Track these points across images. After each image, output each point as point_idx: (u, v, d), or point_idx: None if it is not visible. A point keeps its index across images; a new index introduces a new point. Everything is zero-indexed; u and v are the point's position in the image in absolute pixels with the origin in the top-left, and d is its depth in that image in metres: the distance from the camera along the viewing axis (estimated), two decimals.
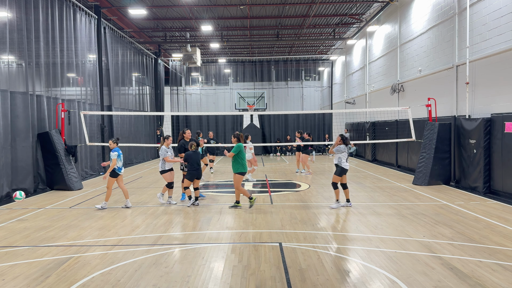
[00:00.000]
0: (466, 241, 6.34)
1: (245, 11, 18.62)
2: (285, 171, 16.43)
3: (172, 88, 28.86)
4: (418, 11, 14.95)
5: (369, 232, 6.98)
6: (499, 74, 10.24)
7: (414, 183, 12.20)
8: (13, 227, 7.68)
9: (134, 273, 5.19)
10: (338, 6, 18.50)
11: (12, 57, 11.52)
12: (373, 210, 8.78)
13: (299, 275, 5.03)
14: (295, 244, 6.29)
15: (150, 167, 19.16)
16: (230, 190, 11.67)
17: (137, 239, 6.73)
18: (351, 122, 24.47)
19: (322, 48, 27.84)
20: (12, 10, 11.11)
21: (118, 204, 9.83)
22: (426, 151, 12.21)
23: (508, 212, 8.33)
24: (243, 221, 7.91)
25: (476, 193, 10.52)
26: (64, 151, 12.39)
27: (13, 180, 10.99)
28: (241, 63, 30.27)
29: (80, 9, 14.97)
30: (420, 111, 14.26)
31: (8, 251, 6.17)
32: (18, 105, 11.28)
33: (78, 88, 15.08)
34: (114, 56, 18.63)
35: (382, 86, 18.99)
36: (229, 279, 4.94)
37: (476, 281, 4.77)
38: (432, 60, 13.96)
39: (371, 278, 4.91)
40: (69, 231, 7.29)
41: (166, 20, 20.08)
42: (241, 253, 5.92)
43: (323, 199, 10.11)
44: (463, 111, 11.94)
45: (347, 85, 26.00)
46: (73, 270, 5.31)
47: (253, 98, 27.02)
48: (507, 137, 9.62)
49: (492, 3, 10.52)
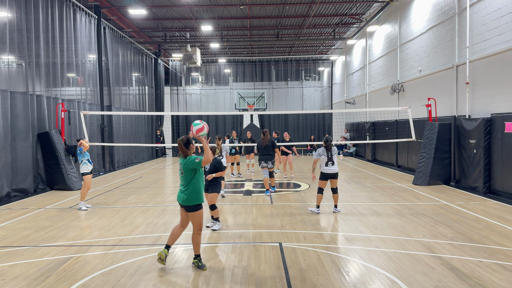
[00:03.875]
0: (466, 241, 6.34)
1: (245, 11, 18.62)
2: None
3: (172, 88, 28.85)
4: (418, 11, 14.95)
5: (369, 232, 6.98)
6: (499, 74, 10.24)
7: (414, 183, 12.20)
8: (13, 227, 7.68)
9: (134, 273, 5.19)
10: (338, 6, 18.50)
11: (12, 57, 11.52)
12: (373, 210, 8.78)
13: (299, 275, 5.02)
14: (295, 244, 6.28)
15: (150, 167, 19.15)
16: (230, 190, 11.67)
17: (137, 239, 6.73)
18: (351, 122, 24.47)
19: (322, 48, 27.84)
20: (12, 10, 11.11)
21: (118, 204, 9.83)
22: (426, 151, 12.21)
23: (508, 212, 8.33)
24: (243, 221, 7.91)
25: (476, 193, 10.52)
26: (64, 151, 12.39)
27: (13, 180, 11.00)
28: (241, 63, 30.26)
29: (80, 9, 14.97)
30: (420, 111, 14.26)
31: (8, 251, 6.16)
32: (18, 105, 11.28)
33: (78, 88, 15.08)
34: (114, 56, 18.63)
35: (382, 86, 18.98)
36: (229, 279, 4.94)
37: (476, 281, 4.77)
38: (432, 60, 13.96)
39: (371, 278, 4.91)
40: (69, 231, 7.28)
41: (166, 20, 20.08)
42: (241, 253, 5.92)
43: (323, 199, 10.09)
44: (463, 111, 11.94)
45: (347, 85, 25.99)
46: (73, 270, 5.31)
47: (253, 98, 27.01)
48: (507, 137, 9.62)
49: (492, 3, 10.52)
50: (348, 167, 17.69)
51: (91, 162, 9.41)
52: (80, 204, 9.24)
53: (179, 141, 5.20)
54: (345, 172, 15.83)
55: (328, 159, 8.45)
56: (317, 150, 8.63)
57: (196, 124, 5.41)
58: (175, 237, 5.46)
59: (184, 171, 5.24)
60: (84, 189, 9.24)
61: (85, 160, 9.30)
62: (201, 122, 5.40)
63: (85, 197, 9.32)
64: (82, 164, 9.29)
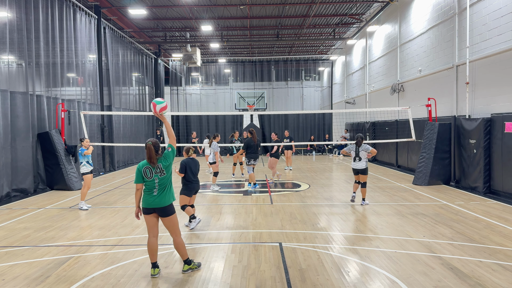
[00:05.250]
0: (466, 241, 6.34)
1: (245, 11, 18.62)
2: (285, 171, 16.41)
3: (172, 88, 28.85)
4: (418, 11, 14.95)
5: (369, 232, 6.98)
6: (499, 74, 10.24)
7: (414, 183, 12.20)
8: (13, 227, 7.68)
9: (134, 273, 5.18)
10: (338, 6, 18.50)
11: (12, 57, 11.52)
12: (373, 210, 8.78)
13: (299, 275, 5.02)
14: (295, 244, 6.28)
15: None
16: (230, 190, 11.67)
17: (137, 239, 6.73)
18: (351, 122, 24.46)
19: (322, 48, 27.84)
20: (12, 10, 11.11)
21: (118, 204, 9.83)
22: (426, 151, 12.21)
23: (508, 212, 8.33)
24: (243, 221, 7.91)
25: (476, 193, 10.52)
26: (64, 151, 12.40)
27: (13, 180, 11.00)
28: (241, 63, 30.26)
29: (80, 9, 14.97)
30: (420, 111, 14.26)
31: (8, 251, 6.16)
32: (18, 105, 11.28)
33: (78, 88, 15.08)
34: (114, 56, 18.63)
35: (382, 86, 18.98)
36: (229, 279, 4.94)
37: (476, 281, 4.77)
38: (432, 60, 13.96)
39: (371, 278, 4.91)
40: (69, 231, 7.28)
41: (166, 20, 20.08)
42: (241, 253, 5.92)
43: (323, 199, 10.11)
44: (463, 111, 11.94)
45: (347, 85, 25.99)
46: (73, 270, 5.31)
47: (253, 98, 27.02)
48: (507, 137, 9.62)
49: (492, 3, 10.52)
50: (348, 167, 17.69)
51: (91, 164, 9.46)
52: (81, 203, 9.25)
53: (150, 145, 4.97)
54: (345, 172, 15.83)
55: (356, 155, 9.26)
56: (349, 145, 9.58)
57: (160, 103, 5.23)
58: (156, 252, 5.10)
59: (167, 170, 5.06)
60: (85, 188, 9.26)
61: (85, 162, 9.36)
62: (164, 101, 5.26)
63: (85, 196, 9.33)
64: (82, 165, 9.34)
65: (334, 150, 24.91)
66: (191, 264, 5.20)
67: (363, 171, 9.25)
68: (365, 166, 9.24)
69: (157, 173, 5.02)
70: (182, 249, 5.15)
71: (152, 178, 5.01)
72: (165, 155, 5.09)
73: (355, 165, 9.32)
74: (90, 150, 9.41)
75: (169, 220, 5.08)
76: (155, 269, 5.08)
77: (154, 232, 5.10)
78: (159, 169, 5.03)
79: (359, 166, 9.25)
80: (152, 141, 5.02)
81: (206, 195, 10.92)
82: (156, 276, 5.04)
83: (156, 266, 5.10)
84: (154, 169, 5.01)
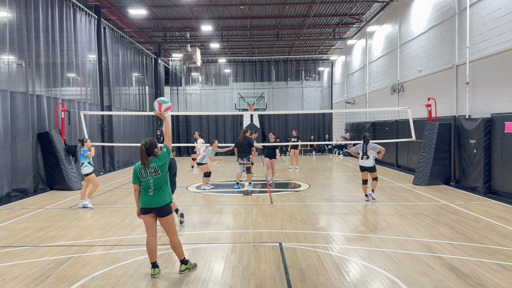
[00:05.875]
0: (466, 241, 6.34)
1: (245, 11, 18.62)
2: (286, 171, 16.42)
3: (172, 88, 28.84)
4: (418, 11, 14.95)
5: (369, 232, 6.98)
6: (499, 74, 10.24)
7: (414, 183, 12.20)
8: (13, 227, 7.68)
9: (134, 273, 5.18)
10: (338, 6, 18.50)
11: (12, 57, 11.52)
12: (373, 210, 8.78)
13: (299, 275, 5.02)
14: (295, 244, 6.28)
15: None
16: (230, 190, 11.67)
17: (137, 239, 6.73)
18: (351, 122, 24.47)
19: (322, 48, 27.84)
20: (12, 10, 11.11)
21: (118, 204, 9.83)
22: (426, 151, 12.21)
23: (508, 212, 8.33)
24: (243, 221, 7.91)
25: (476, 193, 10.52)
26: (64, 151, 12.40)
27: (13, 180, 10.99)
28: (241, 63, 30.26)
29: (80, 9, 14.97)
30: (420, 111, 14.26)
31: (8, 251, 6.16)
32: (18, 105, 11.28)
33: (78, 88, 15.08)
34: (114, 56, 18.63)
35: (382, 86, 18.98)
36: (229, 279, 4.94)
37: (476, 281, 4.77)
38: (432, 60, 13.96)
39: (371, 278, 4.91)
40: (69, 231, 7.29)
41: (166, 20, 20.08)
42: (241, 253, 5.92)
43: (323, 199, 10.11)
44: (463, 111, 11.94)
45: (347, 85, 25.99)
46: (73, 270, 5.31)
47: (253, 98, 27.01)
48: (507, 137, 9.62)
49: (492, 3, 10.52)
50: (348, 167, 17.69)
51: (92, 165, 9.62)
52: (86, 201, 9.42)
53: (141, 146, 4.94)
54: (345, 172, 15.84)
55: (363, 153, 9.60)
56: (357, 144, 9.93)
57: (166, 102, 5.25)
58: (155, 251, 5.09)
59: (161, 170, 5.04)
60: (94, 187, 9.58)
61: (87, 163, 9.50)
62: (169, 101, 5.30)
63: (92, 194, 9.60)
64: (83, 166, 9.49)
65: (334, 150, 24.91)
66: (188, 264, 5.20)
67: (371, 169, 9.61)
68: (372, 164, 9.59)
69: (152, 173, 5.02)
70: (179, 249, 5.15)
71: (147, 178, 5.02)
72: (160, 155, 5.10)
73: (362, 162, 9.64)
74: (92, 152, 9.63)
75: (165, 220, 5.09)
76: (155, 269, 5.08)
77: (152, 231, 5.12)
78: (153, 169, 5.02)
79: (366, 164, 9.60)
80: (147, 142, 5.02)
81: (206, 195, 10.92)
82: (156, 276, 5.05)
83: (156, 266, 5.10)
84: (148, 169, 5.01)
